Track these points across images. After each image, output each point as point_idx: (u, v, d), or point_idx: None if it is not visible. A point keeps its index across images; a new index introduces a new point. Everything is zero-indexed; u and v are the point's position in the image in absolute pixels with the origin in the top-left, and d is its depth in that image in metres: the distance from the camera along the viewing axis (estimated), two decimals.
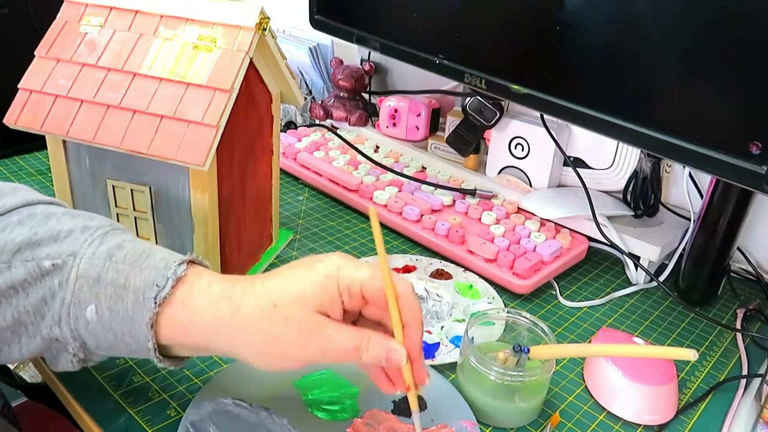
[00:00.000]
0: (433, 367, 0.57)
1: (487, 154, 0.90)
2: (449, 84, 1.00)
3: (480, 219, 0.81)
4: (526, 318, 0.58)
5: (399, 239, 0.81)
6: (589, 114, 0.65)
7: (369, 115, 1.03)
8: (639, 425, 0.56)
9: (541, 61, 0.68)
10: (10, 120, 0.57)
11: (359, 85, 1.02)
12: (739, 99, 0.54)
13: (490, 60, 0.73)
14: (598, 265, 0.80)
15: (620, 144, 0.80)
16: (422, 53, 0.80)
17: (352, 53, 1.10)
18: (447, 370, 0.59)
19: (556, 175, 0.86)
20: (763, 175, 0.53)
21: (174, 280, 0.42)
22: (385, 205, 0.83)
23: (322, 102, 1.05)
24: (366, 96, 1.06)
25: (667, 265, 0.76)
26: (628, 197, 0.81)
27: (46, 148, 0.60)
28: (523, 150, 0.85)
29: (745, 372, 0.64)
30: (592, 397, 0.58)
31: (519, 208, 0.83)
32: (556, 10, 0.65)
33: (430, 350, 0.60)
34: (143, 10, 0.58)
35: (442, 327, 0.63)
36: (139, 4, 0.58)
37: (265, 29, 0.58)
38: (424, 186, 0.86)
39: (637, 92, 0.61)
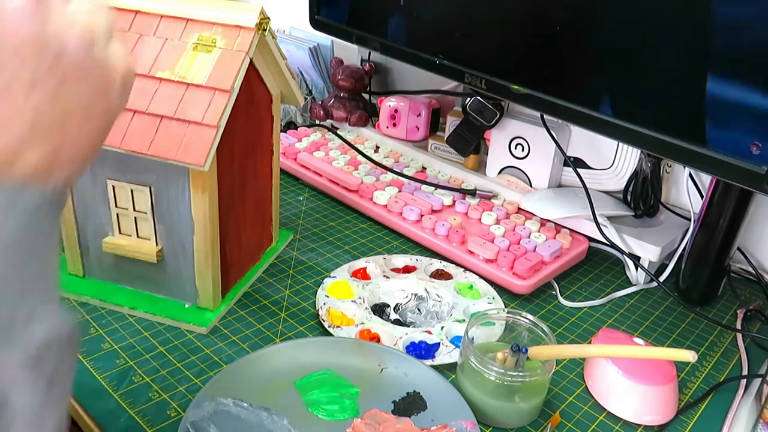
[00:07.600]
0: (433, 367, 0.57)
1: (487, 154, 0.90)
2: (449, 84, 1.00)
3: (480, 219, 0.81)
4: (526, 318, 0.58)
5: (399, 239, 0.81)
6: (589, 114, 0.65)
7: (369, 115, 1.03)
8: (639, 425, 0.56)
9: (541, 61, 0.68)
10: None
11: (359, 85, 1.02)
12: (739, 99, 0.54)
13: (490, 60, 0.73)
14: (598, 265, 0.80)
15: (620, 144, 0.79)
16: (422, 53, 0.80)
17: (352, 53, 1.10)
18: (447, 370, 0.59)
19: (556, 175, 0.86)
20: (763, 175, 0.53)
21: None
22: (385, 206, 0.83)
23: (322, 102, 1.04)
24: (366, 96, 1.06)
25: (668, 265, 0.76)
26: (628, 197, 0.81)
27: None
28: (523, 150, 0.85)
29: (745, 372, 0.64)
30: (592, 397, 0.58)
31: (519, 209, 0.83)
32: (556, 10, 0.65)
33: (430, 350, 0.60)
34: (143, 10, 0.58)
35: (442, 327, 0.63)
36: (139, 4, 0.58)
37: (265, 29, 0.58)
38: (424, 186, 0.86)
39: (637, 92, 0.61)
